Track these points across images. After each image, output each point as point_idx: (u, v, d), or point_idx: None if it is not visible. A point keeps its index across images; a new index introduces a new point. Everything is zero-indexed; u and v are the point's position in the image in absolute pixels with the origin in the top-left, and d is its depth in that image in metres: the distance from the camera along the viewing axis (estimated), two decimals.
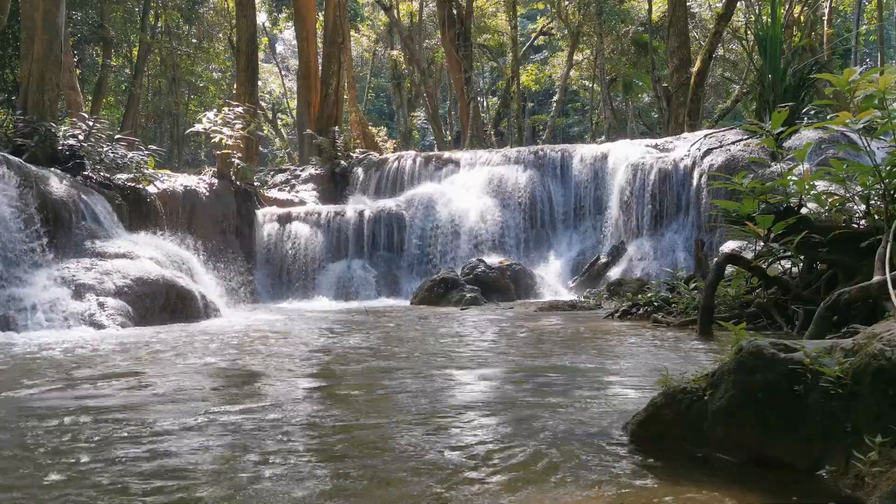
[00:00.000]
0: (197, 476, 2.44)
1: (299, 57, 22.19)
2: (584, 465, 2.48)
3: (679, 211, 13.61)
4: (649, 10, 24.61)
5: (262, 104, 28.08)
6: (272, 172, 19.83)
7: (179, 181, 13.04)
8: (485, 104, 32.82)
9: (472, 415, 3.31)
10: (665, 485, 2.28)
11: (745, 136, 13.00)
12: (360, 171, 17.92)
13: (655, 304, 7.98)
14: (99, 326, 7.78)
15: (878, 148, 6.17)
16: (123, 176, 11.39)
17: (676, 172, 13.69)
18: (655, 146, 15.08)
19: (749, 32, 23.56)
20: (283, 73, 37.03)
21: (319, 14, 23.63)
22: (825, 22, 23.20)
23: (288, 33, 38.59)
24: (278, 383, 4.36)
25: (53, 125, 11.12)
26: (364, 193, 17.31)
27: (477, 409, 3.44)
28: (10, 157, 9.26)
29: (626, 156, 14.72)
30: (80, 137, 11.27)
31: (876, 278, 4.69)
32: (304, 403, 3.72)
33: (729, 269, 6.93)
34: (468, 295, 11.39)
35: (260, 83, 24.94)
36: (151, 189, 11.92)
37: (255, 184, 15.42)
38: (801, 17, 23.23)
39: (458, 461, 2.56)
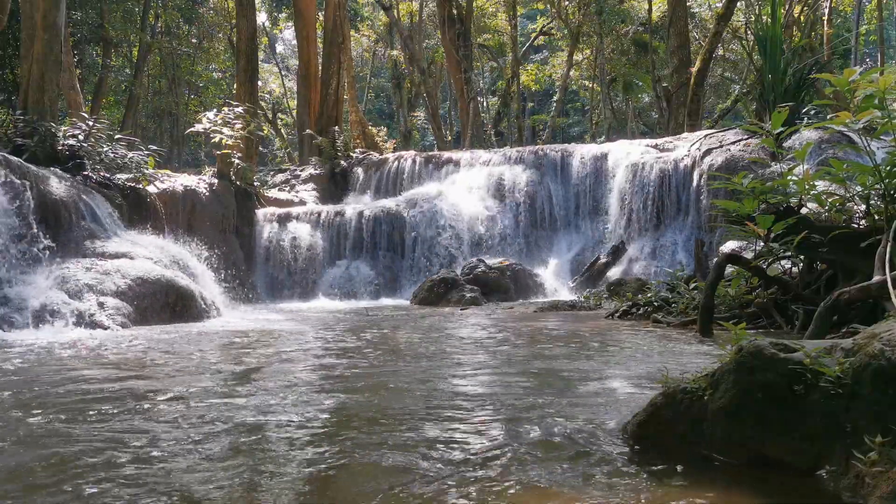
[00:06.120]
0: (194, 477, 2.44)
1: (299, 57, 22.18)
2: (583, 465, 2.48)
3: (679, 211, 13.62)
4: (649, 10, 24.60)
5: (262, 104, 28.03)
6: (272, 172, 19.86)
7: (179, 181, 13.04)
8: (485, 104, 32.78)
9: (470, 415, 3.31)
10: (664, 485, 2.28)
11: (745, 136, 13.00)
12: (360, 171, 17.93)
13: (655, 303, 7.98)
14: (99, 327, 7.76)
15: (878, 148, 6.16)
16: (123, 176, 11.38)
17: (676, 172, 13.70)
18: (655, 146, 15.09)
19: (749, 32, 23.57)
20: (283, 73, 37.02)
21: (319, 14, 23.63)
22: (825, 22, 23.20)
23: (288, 33, 38.59)
24: (277, 384, 4.35)
25: (53, 125, 11.11)
26: (364, 193, 17.33)
27: (475, 408, 3.44)
28: (10, 156, 9.25)
29: (626, 156, 14.74)
30: (80, 137, 11.26)
31: (876, 278, 4.69)
32: (300, 406, 3.71)
33: (729, 269, 6.93)
34: (468, 295, 11.38)
35: (260, 83, 24.95)
36: (151, 189, 11.92)
37: (255, 184, 15.42)
38: (801, 17, 23.23)
39: (457, 462, 2.56)
